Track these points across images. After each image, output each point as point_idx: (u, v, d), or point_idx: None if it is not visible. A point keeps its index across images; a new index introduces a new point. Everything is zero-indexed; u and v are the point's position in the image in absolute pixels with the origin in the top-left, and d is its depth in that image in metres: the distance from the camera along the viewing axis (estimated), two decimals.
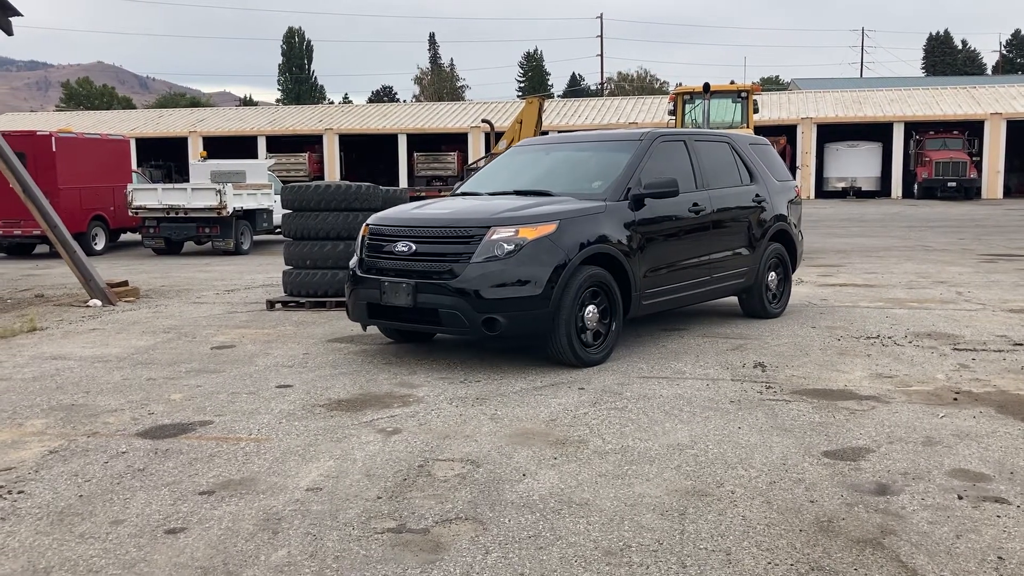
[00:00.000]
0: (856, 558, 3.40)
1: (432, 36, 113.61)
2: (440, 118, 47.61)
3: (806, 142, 42.22)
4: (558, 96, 70.10)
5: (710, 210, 7.89)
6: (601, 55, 75.29)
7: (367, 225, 7.28)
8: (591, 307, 6.68)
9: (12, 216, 17.23)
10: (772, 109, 42.46)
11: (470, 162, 33.61)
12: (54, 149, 18.27)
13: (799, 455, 4.59)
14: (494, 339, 6.58)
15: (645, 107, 46.76)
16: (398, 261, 6.77)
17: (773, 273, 8.85)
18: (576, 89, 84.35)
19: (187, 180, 23.63)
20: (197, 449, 4.81)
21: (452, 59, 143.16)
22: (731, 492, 4.08)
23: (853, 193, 42.00)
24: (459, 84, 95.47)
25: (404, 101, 77.33)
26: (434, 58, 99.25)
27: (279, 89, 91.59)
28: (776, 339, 7.68)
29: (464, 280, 6.36)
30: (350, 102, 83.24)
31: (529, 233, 6.48)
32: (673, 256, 7.52)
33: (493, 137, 23.76)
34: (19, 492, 4.19)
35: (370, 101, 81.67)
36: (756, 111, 16.40)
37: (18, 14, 13.82)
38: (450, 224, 6.73)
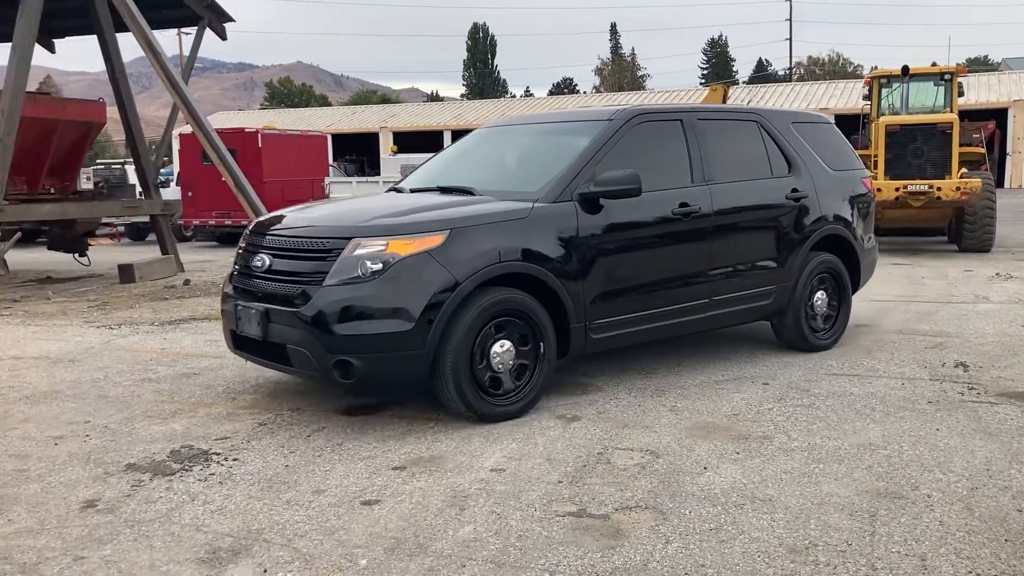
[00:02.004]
0: None
1: (613, 26, 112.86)
2: None
3: (1018, 127, 38.93)
4: (743, 82, 68.12)
5: (709, 211, 6.10)
6: (790, 39, 72.34)
7: (245, 231, 5.92)
8: (501, 343, 5.09)
9: (223, 208, 18.74)
10: (979, 92, 39.38)
11: None
12: (260, 145, 19.68)
13: (1005, 461, 4.30)
14: (352, 387, 5.26)
15: (837, 92, 44.57)
16: (255, 280, 5.39)
17: (821, 292, 6.87)
18: (763, 75, 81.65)
19: (379, 173, 24.82)
20: (390, 427, 5.08)
21: (633, 48, 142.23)
22: (927, 496, 3.89)
23: None
24: (640, 73, 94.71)
25: (584, 92, 77.53)
26: (615, 48, 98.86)
27: (464, 84, 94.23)
28: (980, 338, 7.18)
29: (313, 308, 4.87)
30: (531, 95, 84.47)
31: (401, 248, 4.91)
32: (645, 274, 5.82)
33: None
34: (234, 459, 4.59)
35: (550, 94, 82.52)
36: (961, 94, 15.23)
37: (231, 20, 14.95)
38: (308, 234, 5.27)
